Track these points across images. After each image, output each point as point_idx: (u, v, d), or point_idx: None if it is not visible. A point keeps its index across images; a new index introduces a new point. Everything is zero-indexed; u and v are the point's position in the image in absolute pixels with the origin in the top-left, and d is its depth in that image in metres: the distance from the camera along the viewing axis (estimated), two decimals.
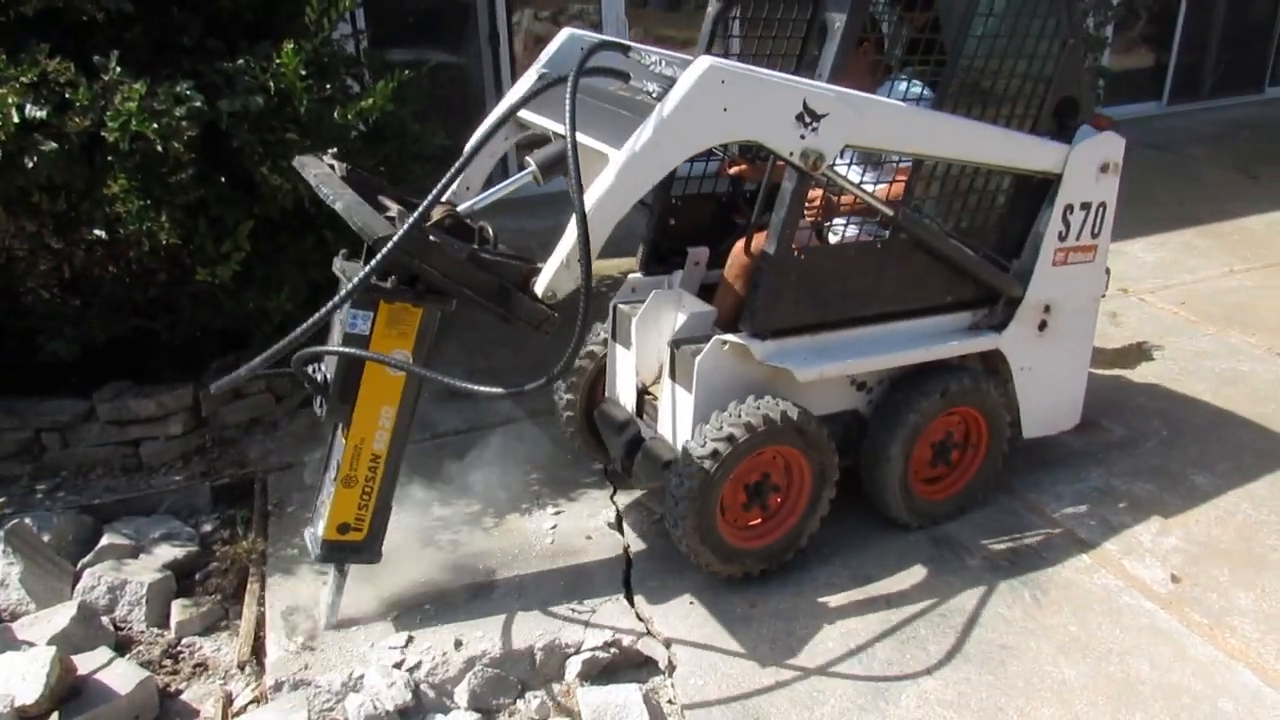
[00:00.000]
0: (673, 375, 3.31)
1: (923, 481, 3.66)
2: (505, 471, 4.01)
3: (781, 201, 3.10)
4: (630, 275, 3.77)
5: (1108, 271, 3.83)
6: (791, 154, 2.92)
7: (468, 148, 3.05)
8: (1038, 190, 3.55)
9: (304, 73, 3.66)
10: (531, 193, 3.27)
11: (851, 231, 3.42)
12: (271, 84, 3.64)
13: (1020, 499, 3.86)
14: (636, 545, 3.59)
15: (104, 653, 3.08)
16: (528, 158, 2.89)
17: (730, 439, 3.09)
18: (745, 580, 3.37)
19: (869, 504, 3.63)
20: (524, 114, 3.13)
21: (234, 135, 3.59)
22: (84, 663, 3.01)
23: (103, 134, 3.39)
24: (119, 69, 3.41)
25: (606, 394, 3.77)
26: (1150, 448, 4.20)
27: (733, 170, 3.86)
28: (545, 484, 3.97)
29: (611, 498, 3.87)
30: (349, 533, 3.03)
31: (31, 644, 3.06)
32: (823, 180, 3.09)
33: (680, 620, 3.23)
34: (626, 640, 3.14)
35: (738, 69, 2.81)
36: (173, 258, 3.80)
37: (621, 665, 3.13)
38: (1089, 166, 3.53)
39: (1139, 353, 5.06)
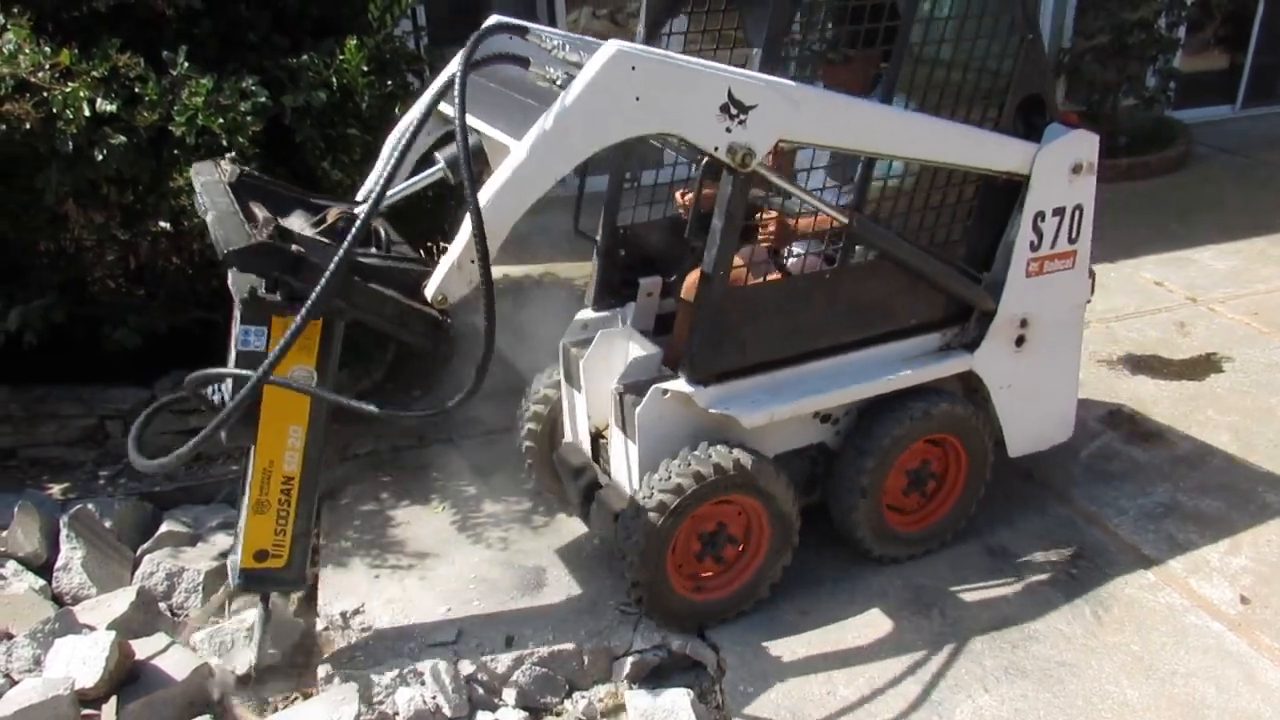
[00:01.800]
0: (619, 423, 3.12)
1: (896, 512, 3.44)
2: None
3: (713, 238, 2.84)
4: (579, 313, 3.54)
5: (1091, 275, 3.55)
6: (716, 149, 2.65)
7: (388, 150, 2.93)
8: (1006, 196, 3.29)
9: (366, 69, 3.69)
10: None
11: (809, 258, 3.19)
12: (335, 80, 3.67)
13: (1080, 512, 3.76)
14: None
15: (161, 638, 3.14)
16: (437, 154, 2.75)
17: (678, 490, 2.91)
18: (797, 586, 3.33)
19: (838, 540, 3.44)
20: (444, 107, 2.84)
21: (297, 130, 3.62)
22: (142, 648, 3.07)
23: (170, 128, 3.45)
24: (187, 64, 3.47)
25: (564, 437, 3.56)
26: (1218, 463, 4.07)
27: (686, 199, 3.42)
28: None
29: None
30: (267, 559, 2.86)
31: (92, 628, 3.13)
32: (778, 199, 2.90)
33: (731, 625, 3.19)
34: (676, 644, 3.12)
35: (650, 54, 2.56)
36: None
37: (670, 669, 3.11)
38: (1059, 167, 3.26)
39: (1208, 364, 4.90)
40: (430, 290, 2.54)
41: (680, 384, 2.97)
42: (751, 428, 3.00)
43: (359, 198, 3.02)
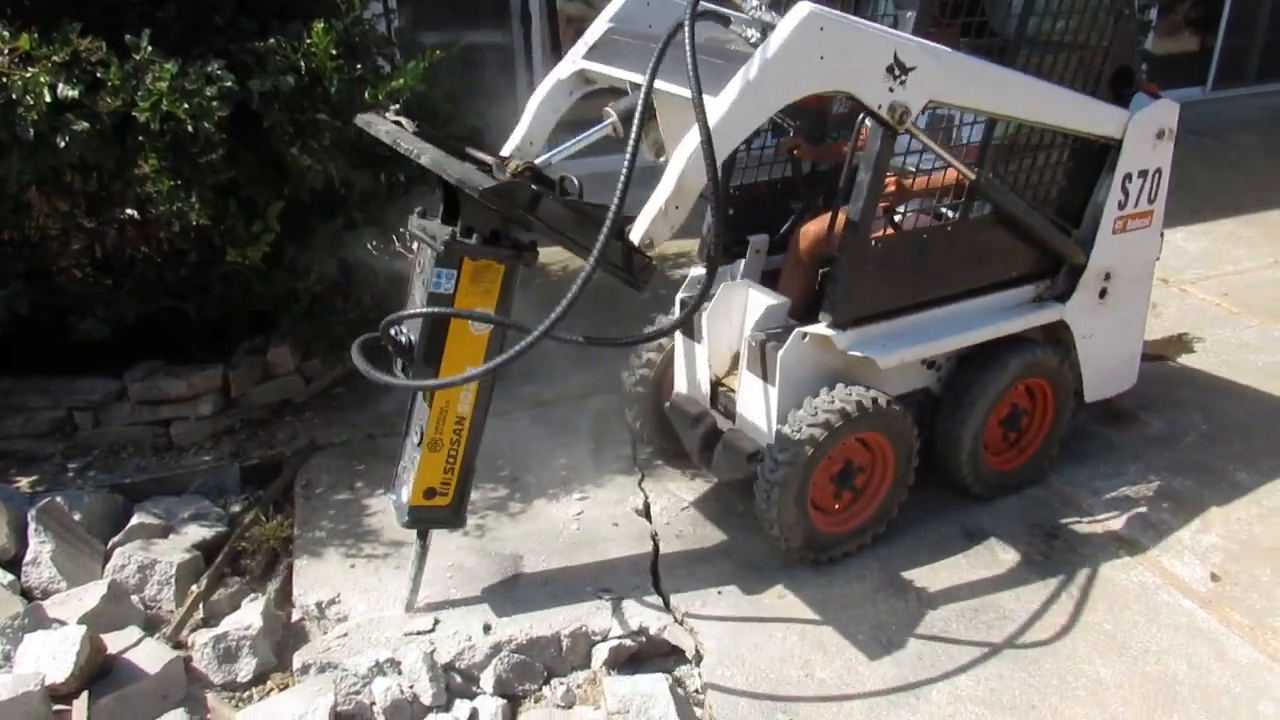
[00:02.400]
0: (754, 369, 3.31)
1: (991, 452, 3.69)
2: (532, 456, 3.99)
3: (859, 190, 3.09)
4: (692, 271, 3.74)
5: (1161, 235, 3.84)
6: (880, 106, 2.88)
7: (534, 105, 3.13)
8: (1096, 158, 3.57)
9: (335, 52, 3.63)
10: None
11: (920, 217, 3.42)
12: (302, 63, 3.61)
13: (1056, 493, 3.79)
14: (665, 533, 3.56)
15: (133, 632, 3.10)
16: (607, 108, 2.86)
17: (826, 424, 3.13)
18: (775, 570, 3.34)
19: (939, 475, 3.65)
20: (592, 66, 3.12)
21: (265, 115, 3.57)
22: (114, 642, 3.03)
23: (134, 114, 3.38)
24: (150, 48, 3.40)
25: (675, 388, 3.74)
26: (1190, 442, 4.11)
27: (793, 152, 3.83)
28: (572, 470, 3.94)
29: (640, 484, 3.84)
30: (435, 497, 3.01)
31: (62, 622, 3.08)
32: (898, 160, 3.11)
33: (708, 610, 3.20)
34: (654, 629, 3.11)
35: (835, 16, 2.76)
36: (203, 238, 3.80)
37: (648, 654, 3.11)
38: (1147, 133, 3.57)
39: (1180, 345, 4.95)
40: (637, 235, 2.68)
41: (820, 328, 3.18)
42: (885, 369, 3.24)
43: (504, 153, 3.11)
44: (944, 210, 3.42)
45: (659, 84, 2.71)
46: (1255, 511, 3.67)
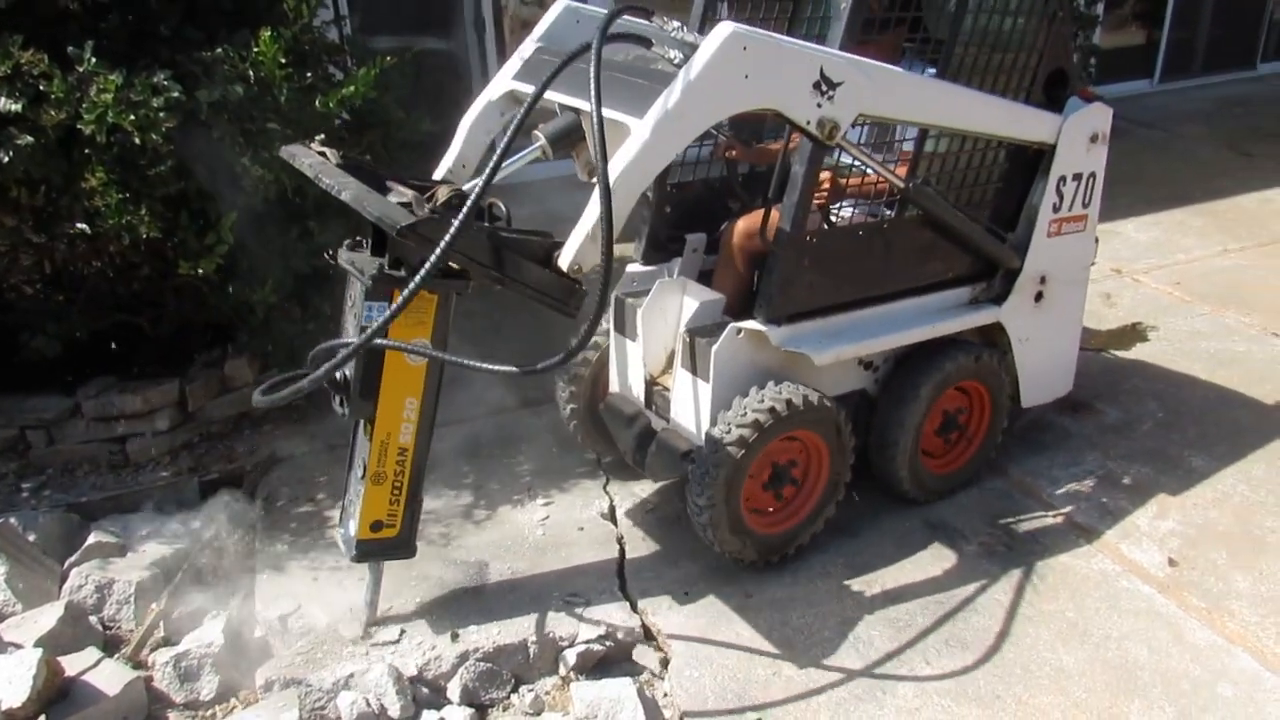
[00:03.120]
0: (687, 365, 3.29)
1: (929, 456, 3.68)
2: (496, 462, 3.97)
3: (794, 184, 3.08)
4: (629, 266, 3.71)
5: (1096, 240, 3.87)
6: (808, 123, 2.87)
7: (465, 128, 3.07)
8: (1030, 162, 3.59)
9: (284, 60, 3.60)
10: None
11: (850, 214, 3.44)
12: (251, 73, 3.57)
13: (1015, 483, 3.83)
14: (630, 536, 3.55)
15: (92, 653, 3.05)
16: (536, 131, 2.83)
17: (756, 424, 3.08)
18: (741, 571, 3.34)
19: (877, 482, 3.63)
20: (521, 87, 3.08)
21: (214, 125, 3.52)
22: (72, 664, 2.98)
23: (79, 126, 3.32)
24: (94, 60, 3.35)
25: (610, 387, 3.71)
26: (1146, 430, 4.17)
27: (729, 155, 3.83)
28: (537, 475, 3.93)
29: (605, 488, 3.84)
30: (382, 530, 2.97)
31: (18, 646, 3.03)
32: (834, 153, 3.08)
33: (675, 612, 3.20)
34: (621, 633, 3.11)
35: (759, 35, 2.75)
36: (155, 251, 3.74)
37: (616, 658, 3.10)
38: (1080, 137, 3.59)
39: (1133, 334, 5.03)
40: (565, 260, 2.65)
41: (754, 323, 3.16)
42: (821, 365, 3.23)
43: (436, 177, 3.07)
44: (882, 209, 3.42)
45: (586, 104, 2.65)
46: (1210, 496, 3.74)
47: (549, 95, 2.89)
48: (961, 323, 3.57)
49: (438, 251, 2.42)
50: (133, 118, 3.28)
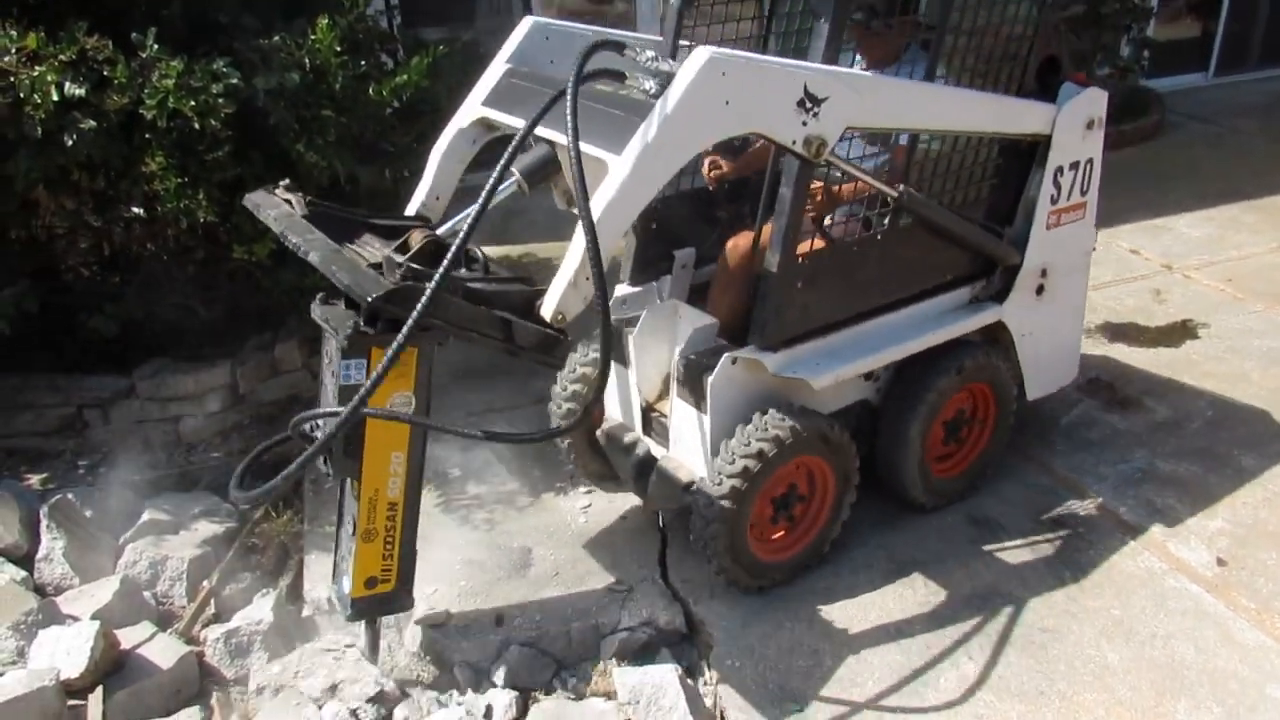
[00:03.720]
0: (684, 396, 3.18)
1: (936, 460, 3.60)
2: (539, 449, 4.00)
3: (781, 208, 2.95)
4: (617, 288, 3.56)
5: (1094, 228, 3.77)
6: (794, 143, 2.73)
7: (436, 158, 2.99)
8: (1025, 154, 3.48)
9: (339, 49, 3.65)
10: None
11: (850, 223, 3.29)
12: (307, 60, 3.63)
13: (1061, 480, 3.80)
14: (672, 525, 3.56)
15: (146, 627, 3.13)
16: (513, 168, 2.71)
17: (760, 455, 2.99)
18: None
19: (886, 489, 3.55)
20: (493, 114, 2.97)
21: (271, 112, 3.58)
22: (127, 637, 3.06)
23: (140, 111, 3.40)
24: (156, 46, 3.42)
25: (607, 414, 3.57)
26: (1196, 428, 4.11)
27: (712, 175, 3.61)
28: None
29: None
30: (377, 586, 2.86)
31: (76, 618, 3.11)
32: (823, 169, 2.95)
33: (717, 600, 3.21)
34: (663, 620, 3.13)
35: (738, 58, 2.62)
36: (210, 235, 3.81)
37: (658, 645, 3.12)
38: (1077, 124, 3.47)
39: (1184, 331, 4.95)
40: (548, 310, 2.52)
41: (749, 351, 3.06)
42: (820, 389, 3.12)
43: (409, 213, 3.00)
44: (872, 216, 3.25)
45: (561, 138, 2.54)
46: (1261, 496, 3.68)
47: (516, 124, 2.78)
48: (962, 326, 3.46)
49: (411, 319, 2.29)
50: (193, 103, 3.35)
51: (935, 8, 3.14)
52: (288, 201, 2.73)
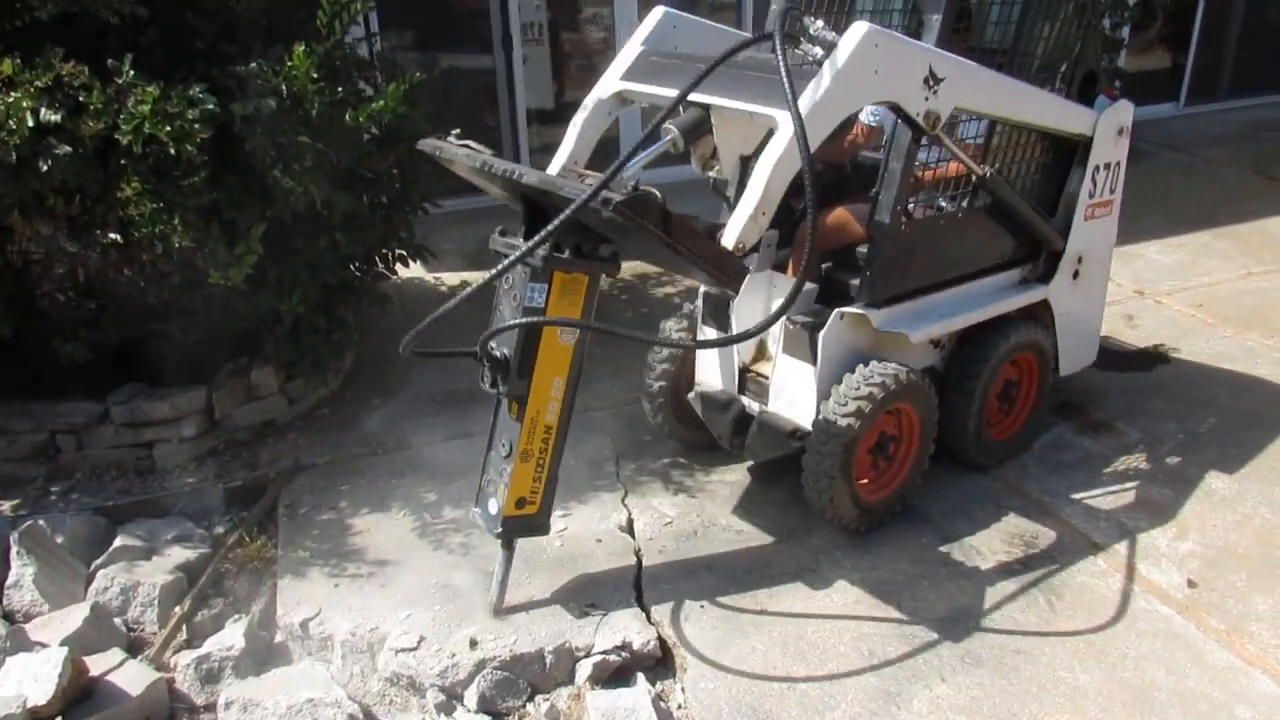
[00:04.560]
0: (790, 350, 3.57)
1: (989, 425, 4.00)
2: None
3: (891, 179, 3.38)
4: None
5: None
6: (918, 114, 3.15)
7: (576, 125, 3.37)
8: (1067, 153, 3.97)
9: (316, 75, 3.66)
10: None
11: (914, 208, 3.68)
12: (284, 87, 3.64)
13: (1034, 502, 3.83)
14: (648, 549, 3.57)
15: (116, 654, 3.10)
16: (667, 124, 3.01)
17: (870, 397, 3.36)
18: (757, 582, 3.36)
19: (947, 450, 3.83)
20: (633, 86, 3.38)
21: (247, 138, 3.59)
22: (96, 664, 3.03)
23: (116, 137, 3.40)
24: (132, 72, 3.43)
25: (697, 378, 3.93)
26: (1167, 451, 4.16)
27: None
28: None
29: (623, 501, 3.86)
30: (525, 507, 3.11)
31: (44, 645, 3.09)
32: (928, 145, 3.37)
33: (691, 623, 3.21)
34: (637, 644, 3.13)
35: (888, 34, 3.04)
36: (186, 261, 3.81)
37: (632, 669, 3.12)
38: (1111, 130, 3.98)
39: (1155, 355, 5.01)
40: (730, 239, 2.86)
41: (858, 307, 3.45)
42: (916, 342, 3.57)
43: (551, 171, 3.24)
44: (941, 203, 3.69)
45: (718, 100, 2.97)
46: (1231, 518, 3.72)
47: (658, 93, 3.25)
48: (1017, 301, 3.93)
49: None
50: (168, 129, 3.36)
51: (993, 31, 3.67)
52: (466, 146, 3.02)
